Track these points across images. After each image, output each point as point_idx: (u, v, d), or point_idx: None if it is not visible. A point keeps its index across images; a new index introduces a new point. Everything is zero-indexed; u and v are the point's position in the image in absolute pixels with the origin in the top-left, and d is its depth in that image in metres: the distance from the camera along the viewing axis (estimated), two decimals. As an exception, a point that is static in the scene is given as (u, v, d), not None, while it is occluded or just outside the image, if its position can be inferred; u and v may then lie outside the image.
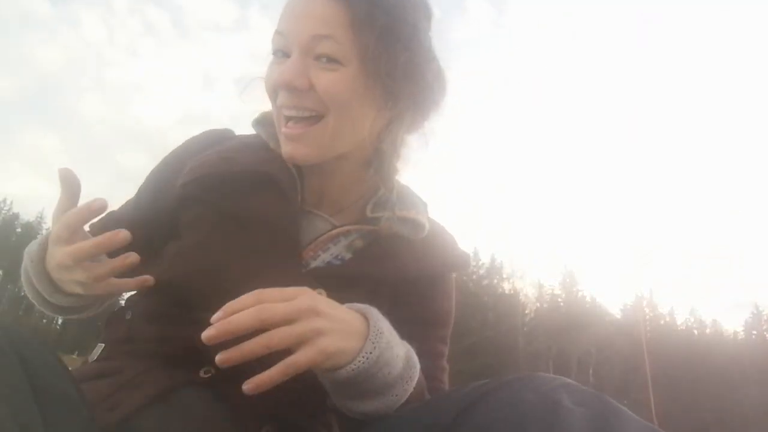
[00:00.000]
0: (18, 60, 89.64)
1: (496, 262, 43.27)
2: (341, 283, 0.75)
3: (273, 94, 0.77)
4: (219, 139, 0.88)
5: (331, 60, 0.73)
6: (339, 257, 0.77)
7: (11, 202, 47.44)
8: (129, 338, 0.74)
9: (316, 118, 0.74)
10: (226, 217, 0.75)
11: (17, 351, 0.52)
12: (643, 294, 43.73)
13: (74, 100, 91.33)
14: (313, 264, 0.76)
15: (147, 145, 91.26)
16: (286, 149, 0.76)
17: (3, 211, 46.28)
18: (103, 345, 0.77)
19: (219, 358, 0.57)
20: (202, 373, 0.70)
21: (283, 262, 0.74)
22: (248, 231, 0.75)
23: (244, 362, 0.69)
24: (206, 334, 0.56)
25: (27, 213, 47.14)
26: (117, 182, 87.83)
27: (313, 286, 0.69)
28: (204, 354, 0.71)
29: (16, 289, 43.28)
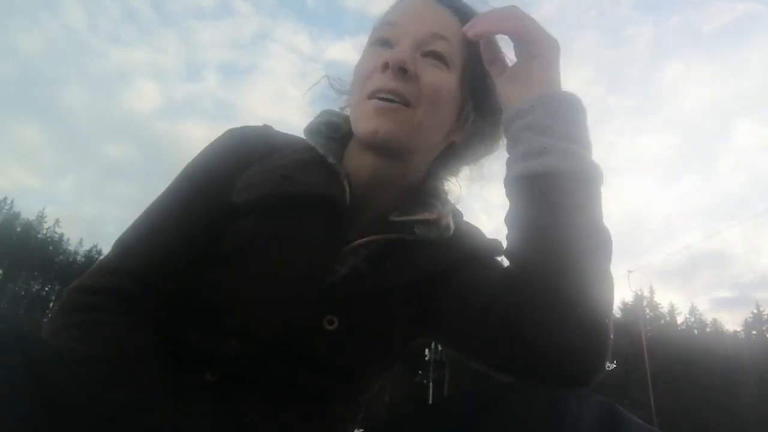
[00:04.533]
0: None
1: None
2: (361, 297, 0.74)
3: (366, 76, 0.76)
4: (266, 145, 0.83)
5: (441, 59, 0.75)
6: (357, 270, 0.75)
7: (12, 201, 47.43)
8: None
9: (407, 105, 0.74)
10: (276, 233, 0.75)
11: (22, 348, 0.52)
12: (643, 293, 43.71)
13: (57, 89, 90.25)
14: (330, 279, 0.74)
15: (133, 135, 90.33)
16: (372, 123, 0.73)
17: (3, 210, 46.23)
18: None
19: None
20: (208, 376, 0.71)
21: (310, 281, 0.73)
22: (291, 249, 0.74)
23: (251, 367, 0.69)
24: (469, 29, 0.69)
25: (13, 206, 46.58)
26: (106, 175, 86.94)
27: (330, 307, 0.72)
28: (211, 357, 0.72)
29: (17, 288, 43.26)
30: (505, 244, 0.72)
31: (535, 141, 0.63)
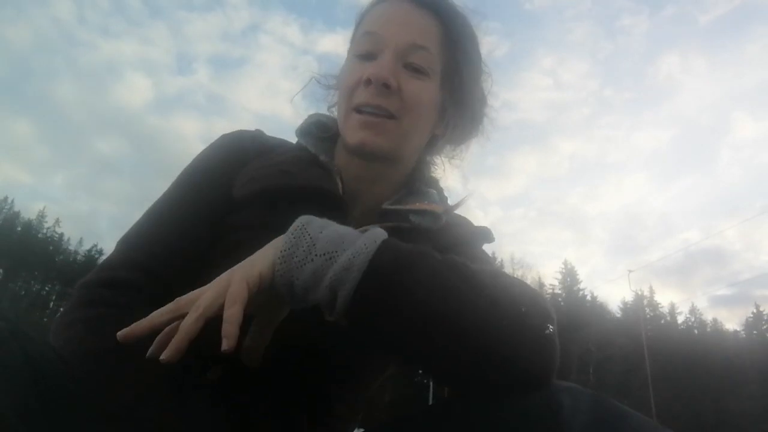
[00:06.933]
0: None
1: (497, 261, 43.31)
2: None
3: (351, 90, 0.79)
4: (259, 145, 0.88)
5: (421, 69, 0.78)
6: None
7: (12, 201, 47.44)
8: None
9: (390, 117, 0.77)
10: (276, 227, 0.73)
11: (22, 347, 0.52)
12: (644, 293, 43.77)
13: (46, 82, 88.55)
14: None
15: (125, 129, 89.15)
16: (358, 136, 0.77)
17: (4, 210, 46.27)
18: None
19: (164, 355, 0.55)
20: (209, 375, 0.71)
21: None
22: None
23: (252, 367, 0.69)
24: (121, 335, 0.55)
25: (14, 205, 46.09)
26: (99, 170, 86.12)
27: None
28: (210, 357, 0.71)
29: (17, 288, 43.30)
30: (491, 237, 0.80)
31: (335, 277, 0.57)
